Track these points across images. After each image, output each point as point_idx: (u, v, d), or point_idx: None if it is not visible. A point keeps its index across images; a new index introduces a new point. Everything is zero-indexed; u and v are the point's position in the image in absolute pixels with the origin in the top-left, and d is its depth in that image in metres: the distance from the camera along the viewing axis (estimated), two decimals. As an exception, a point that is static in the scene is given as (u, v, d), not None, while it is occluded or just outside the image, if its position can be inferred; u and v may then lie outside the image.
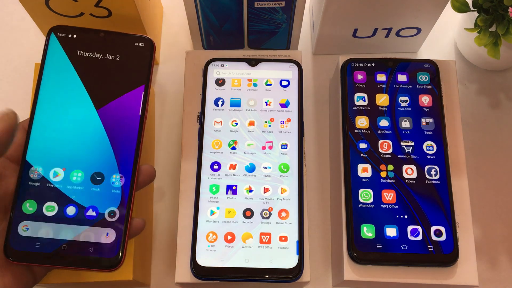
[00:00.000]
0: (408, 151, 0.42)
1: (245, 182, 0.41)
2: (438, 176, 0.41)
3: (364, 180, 0.41)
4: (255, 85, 0.44)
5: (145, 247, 0.45)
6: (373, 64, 0.45)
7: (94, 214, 0.36)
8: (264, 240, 0.39)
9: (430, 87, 0.45)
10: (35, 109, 0.37)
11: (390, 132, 0.43)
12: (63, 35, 0.39)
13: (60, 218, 0.35)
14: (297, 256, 0.38)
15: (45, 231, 0.35)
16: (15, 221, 0.35)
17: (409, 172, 0.42)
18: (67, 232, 0.35)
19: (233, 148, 0.42)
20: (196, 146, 0.43)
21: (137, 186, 0.37)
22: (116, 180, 0.37)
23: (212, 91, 0.44)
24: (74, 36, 0.39)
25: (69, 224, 0.35)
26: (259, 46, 0.50)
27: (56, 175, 0.36)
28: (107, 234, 0.35)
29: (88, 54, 0.39)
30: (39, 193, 0.36)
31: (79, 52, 0.39)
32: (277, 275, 0.38)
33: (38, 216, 0.35)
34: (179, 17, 0.56)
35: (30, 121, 0.37)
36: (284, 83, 0.44)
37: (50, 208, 0.36)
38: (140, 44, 0.39)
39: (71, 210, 0.36)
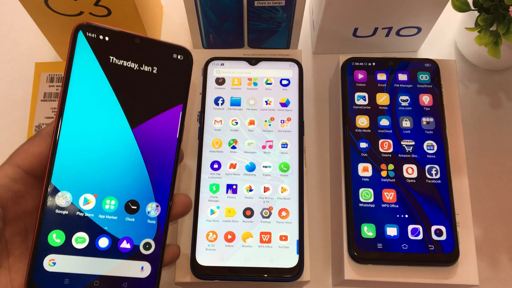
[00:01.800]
0: (409, 151, 0.42)
1: (245, 181, 0.41)
2: (438, 176, 0.41)
3: (365, 179, 0.41)
4: (255, 84, 0.44)
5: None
6: (374, 63, 0.45)
7: (128, 246, 0.32)
8: (264, 240, 0.39)
9: (431, 86, 0.45)
10: (62, 121, 0.32)
11: (391, 131, 0.43)
12: (93, 35, 0.33)
13: (92, 251, 0.31)
14: (297, 255, 0.38)
15: (74, 265, 0.31)
16: (40, 255, 0.31)
17: (410, 171, 0.42)
18: (99, 266, 0.31)
19: (233, 147, 0.42)
20: (196, 145, 0.43)
21: (172, 217, 0.34)
22: (152, 209, 0.33)
23: (212, 90, 0.44)
24: (106, 38, 0.33)
25: (101, 258, 0.32)
26: (259, 45, 0.50)
27: (87, 202, 0.32)
28: (142, 268, 0.32)
29: (123, 63, 0.33)
30: (67, 222, 0.31)
31: (112, 59, 0.33)
32: (277, 275, 0.38)
33: (67, 249, 0.31)
34: (178, 16, 0.56)
35: (54, 135, 0.32)
36: (284, 82, 0.44)
37: (81, 240, 0.31)
38: (179, 56, 0.35)
39: (103, 242, 0.32)
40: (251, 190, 0.40)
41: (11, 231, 0.31)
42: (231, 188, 0.41)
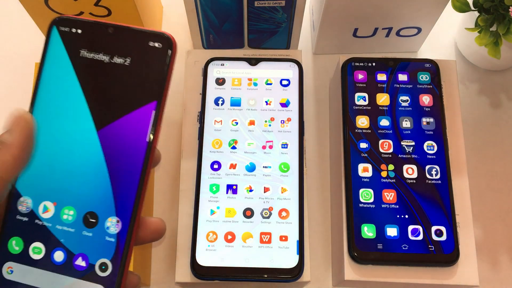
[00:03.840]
0: (409, 151, 0.42)
1: (245, 181, 0.41)
2: (438, 176, 0.41)
3: (365, 179, 0.41)
4: (255, 84, 0.44)
5: (145, 247, 0.45)
6: (374, 64, 0.45)
7: (83, 264, 0.29)
8: (264, 240, 0.39)
9: (431, 86, 0.44)
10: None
11: (391, 131, 0.43)
12: (66, 29, 0.30)
13: (47, 264, 0.29)
14: (298, 255, 0.38)
15: (30, 277, 0.29)
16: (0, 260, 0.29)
17: (410, 171, 0.42)
18: (53, 283, 0.29)
19: (233, 147, 0.42)
20: (196, 146, 0.42)
21: (139, 240, 0.30)
22: (112, 224, 0.29)
23: (212, 90, 0.44)
24: (79, 31, 0.30)
25: (55, 273, 0.29)
26: (259, 45, 0.50)
27: (46, 211, 0.29)
28: None
29: (93, 56, 0.30)
30: (26, 230, 0.29)
31: (82, 53, 0.30)
32: (277, 275, 0.38)
33: (24, 258, 0.29)
34: (179, 16, 0.56)
35: None
36: (284, 82, 0.44)
37: (37, 251, 0.29)
38: (156, 44, 0.29)
39: (58, 256, 0.29)
40: (251, 191, 0.40)
41: None
42: (231, 189, 0.41)
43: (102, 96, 0.30)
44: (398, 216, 0.40)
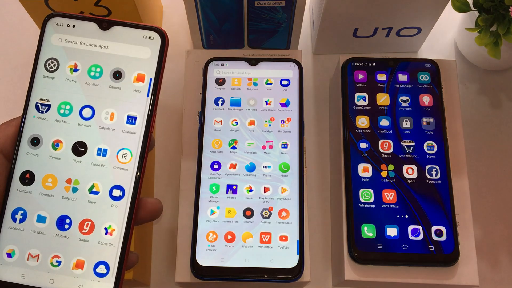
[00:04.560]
0: (409, 151, 0.42)
1: (245, 181, 0.41)
2: (438, 176, 0.41)
3: (365, 179, 0.41)
4: (255, 84, 0.44)
5: (145, 247, 0.45)
6: (374, 64, 0.45)
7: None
8: (264, 240, 0.39)
9: (431, 86, 0.44)
10: (26, 115, 0.32)
11: (391, 131, 0.43)
12: (60, 24, 0.33)
13: (52, 233, 0.31)
14: (298, 256, 0.38)
15: (34, 251, 0.31)
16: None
17: (410, 172, 0.42)
18: (58, 248, 0.31)
19: (233, 147, 0.42)
20: (196, 146, 0.42)
21: (138, 220, 0.32)
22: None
23: (212, 90, 0.44)
24: (73, 26, 0.33)
25: (63, 239, 0.31)
26: (259, 45, 0.50)
27: (48, 186, 0.31)
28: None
29: (88, 49, 0.33)
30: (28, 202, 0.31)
31: (77, 45, 0.33)
32: (278, 275, 0.38)
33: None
34: (179, 16, 0.56)
35: (21, 125, 0.32)
36: (284, 82, 0.44)
37: (41, 219, 0.31)
38: (149, 38, 0.33)
39: (62, 222, 0.31)
40: (251, 191, 0.40)
41: None
42: (231, 189, 0.41)
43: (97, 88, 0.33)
44: (398, 216, 0.40)
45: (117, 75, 0.32)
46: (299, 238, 0.39)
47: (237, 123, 0.43)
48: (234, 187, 0.41)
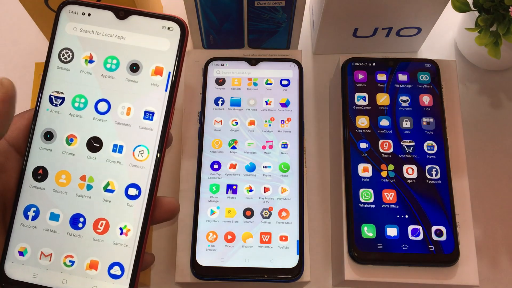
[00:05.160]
0: (409, 151, 0.42)
1: (245, 181, 0.41)
2: (438, 176, 0.41)
3: (365, 179, 0.41)
4: (255, 84, 0.44)
5: (146, 247, 0.45)
6: (374, 64, 0.45)
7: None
8: (264, 240, 0.39)
9: (431, 86, 0.45)
10: (39, 108, 0.31)
11: (391, 131, 0.43)
12: (75, 12, 0.31)
13: (66, 231, 0.30)
14: (298, 255, 0.38)
15: (46, 250, 0.30)
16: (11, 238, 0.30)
17: (410, 171, 0.42)
18: (71, 247, 0.30)
19: (233, 147, 0.42)
20: (196, 146, 0.42)
21: (154, 219, 0.32)
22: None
23: (212, 90, 0.44)
24: (89, 15, 0.31)
25: (77, 238, 0.30)
26: (259, 45, 0.50)
27: (62, 183, 0.31)
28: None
29: (104, 40, 0.31)
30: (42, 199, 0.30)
31: (93, 37, 0.31)
32: (278, 275, 0.38)
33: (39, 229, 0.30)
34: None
35: (34, 118, 0.31)
36: (284, 82, 0.44)
37: (54, 217, 0.30)
38: (168, 28, 0.31)
39: (76, 220, 0.30)
40: (251, 191, 0.40)
41: None
42: (231, 189, 0.41)
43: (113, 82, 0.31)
44: (398, 216, 0.40)
45: (134, 67, 0.31)
46: (299, 238, 0.39)
47: (237, 123, 0.43)
48: (234, 187, 0.41)
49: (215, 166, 0.41)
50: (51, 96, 0.31)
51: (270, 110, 0.43)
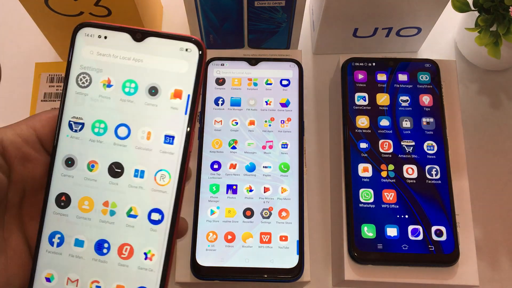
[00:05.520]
0: (409, 151, 0.42)
1: (245, 181, 0.41)
2: (438, 176, 0.41)
3: (365, 179, 0.41)
4: (255, 84, 0.44)
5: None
6: (374, 64, 0.45)
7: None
8: (264, 240, 0.39)
9: (431, 86, 0.45)
10: (59, 135, 0.31)
11: (391, 131, 0.43)
12: (91, 35, 0.31)
13: (91, 257, 0.30)
14: (297, 255, 0.38)
15: (73, 275, 0.30)
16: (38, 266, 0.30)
17: (410, 171, 0.42)
18: (97, 273, 0.30)
19: (233, 147, 0.42)
20: (196, 146, 0.42)
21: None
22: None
23: (212, 90, 0.44)
24: (105, 37, 0.31)
25: (102, 263, 0.30)
26: (259, 45, 0.50)
27: (85, 209, 0.31)
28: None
29: (121, 63, 0.31)
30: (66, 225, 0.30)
31: (110, 60, 0.31)
32: (278, 275, 0.38)
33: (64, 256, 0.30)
34: (179, 16, 0.56)
35: (55, 143, 0.31)
36: (284, 82, 0.44)
37: (79, 243, 0.30)
38: (186, 49, 0.31)
39: (100, 246, 0.30)
40: (251, 191, 0.40)
41: (13, 192, 0.30)
42: (231, 189, 0.41)
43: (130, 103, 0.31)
44: (398, 216, 0.40)
45: (153, 91, 0.30)
46: (299, 238, 0.39)
47: (237, 123, 0.43)
48: (234, 187, 0.41)
49: (215, 166, 0.41)
50: (71, 122, 0.31)
51: (270, 110, 0.43)
